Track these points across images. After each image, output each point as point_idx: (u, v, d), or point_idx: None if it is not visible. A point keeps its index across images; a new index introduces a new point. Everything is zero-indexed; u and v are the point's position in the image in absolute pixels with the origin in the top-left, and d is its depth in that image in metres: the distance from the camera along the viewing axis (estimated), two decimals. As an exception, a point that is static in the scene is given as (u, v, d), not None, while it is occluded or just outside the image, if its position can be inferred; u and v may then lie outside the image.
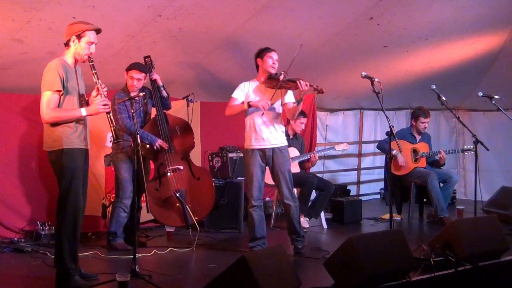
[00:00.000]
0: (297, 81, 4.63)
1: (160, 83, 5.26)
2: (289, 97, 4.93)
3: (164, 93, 5.30)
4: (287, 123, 6.30)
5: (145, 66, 5.18)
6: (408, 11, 5.63)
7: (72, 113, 3.85)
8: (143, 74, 5.13)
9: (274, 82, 4.78)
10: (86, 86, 4.10)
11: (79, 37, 3.85)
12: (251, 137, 4.90)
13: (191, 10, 4.88)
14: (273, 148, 4.88)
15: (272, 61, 4.86)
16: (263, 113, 4.77)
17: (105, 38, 4.83)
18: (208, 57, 5.94)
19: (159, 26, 5.01)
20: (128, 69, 5.13)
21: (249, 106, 4.82)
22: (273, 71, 4.86)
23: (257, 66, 4.96)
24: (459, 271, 4.06)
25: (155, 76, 5.24)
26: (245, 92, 4.95)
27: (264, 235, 4.99)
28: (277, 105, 4.92)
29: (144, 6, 4.67)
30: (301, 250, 4.95)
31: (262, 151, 4.88)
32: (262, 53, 4.91)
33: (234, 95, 4.96)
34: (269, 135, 4.87)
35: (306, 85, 4.62)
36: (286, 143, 4.99)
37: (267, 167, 5.00)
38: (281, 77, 4.72)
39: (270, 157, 4.88)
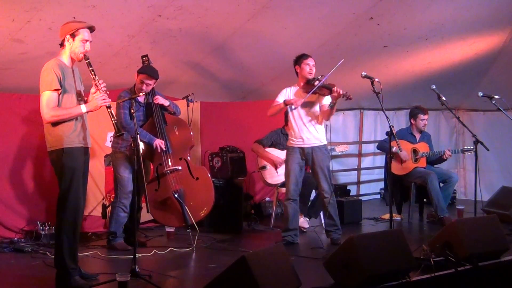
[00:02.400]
0: (333, 89, 4.98)
1: (166, 103, 5.24)
2: (327, 100, 5.25)
3: (171, 109, 5.33)
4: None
5: (156, 72, 5.12)
6: (408, 11, 5.63)
7: (73, 110, 3.85)
8: (153, 80, 5.11)
9: (310, 88, 5.12)
10: (85, 86, 4.11)
11: (73, 36, 3.87)
12: (293, 136, 5.32)
13: (191, 10, 4.88)
14: (312, 147, 5.24)
15: (309, 68, 5.23)
16: (295, 108, 5.20)
17: (105, 38, 4.85)
18: (208, 57, 5.93)
19: (159, 26, 5.01)
20: (140, 72, 5.09)
21: (285, 104, 5.21)
22: (310, 77, 5.21)
23: (297, 72, 5.30)
24: (459, 271, 4.06)
25: (161, 100, 5.21)
26: (287, 96, 5.31)
27: (296, 227, 5.39)
28: (316, 107, 5.26)
29: (144, 6, 4.67)
30: (338, 241, 5.17)
31: (302, 149, 5.26)
32: (299, 60, 5.27)
33: (277, 99, 5.33)
34: (309, 135, 5.25)
35: (339, 92, 4.94)
36: (325, 142, 5.35)
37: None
38: (316, 83, 5.07)
39: (309, 155, 5.25)
